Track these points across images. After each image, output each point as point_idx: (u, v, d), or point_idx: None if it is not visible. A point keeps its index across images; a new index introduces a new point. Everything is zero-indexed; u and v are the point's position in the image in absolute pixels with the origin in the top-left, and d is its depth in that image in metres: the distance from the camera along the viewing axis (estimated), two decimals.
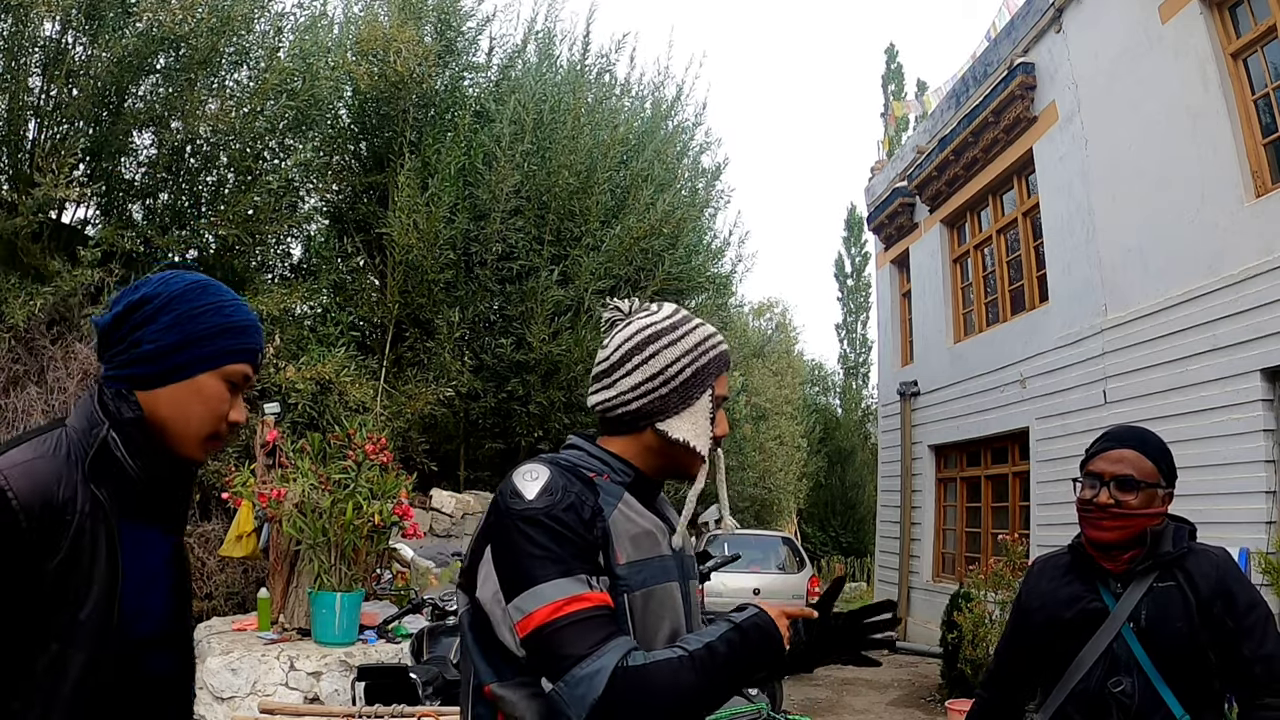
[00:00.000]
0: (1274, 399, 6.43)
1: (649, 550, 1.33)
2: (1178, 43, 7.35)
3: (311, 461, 4.87)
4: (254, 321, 1.32)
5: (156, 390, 1.23)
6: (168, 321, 1.23)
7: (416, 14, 7.99)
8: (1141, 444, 1.94)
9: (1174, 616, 1.81)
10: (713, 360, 1.40)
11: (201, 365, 1.24)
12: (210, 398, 1.25)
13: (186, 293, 1.25)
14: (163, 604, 1.25)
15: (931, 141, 12.12)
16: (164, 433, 1.24)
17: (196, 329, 1.24)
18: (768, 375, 19.79)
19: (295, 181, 7.69)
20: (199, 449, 1.27)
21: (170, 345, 1.22)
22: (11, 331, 5.82)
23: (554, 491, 1.25)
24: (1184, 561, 1.86)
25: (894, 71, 26.58)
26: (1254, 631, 1.78)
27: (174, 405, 1.23)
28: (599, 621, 1.19)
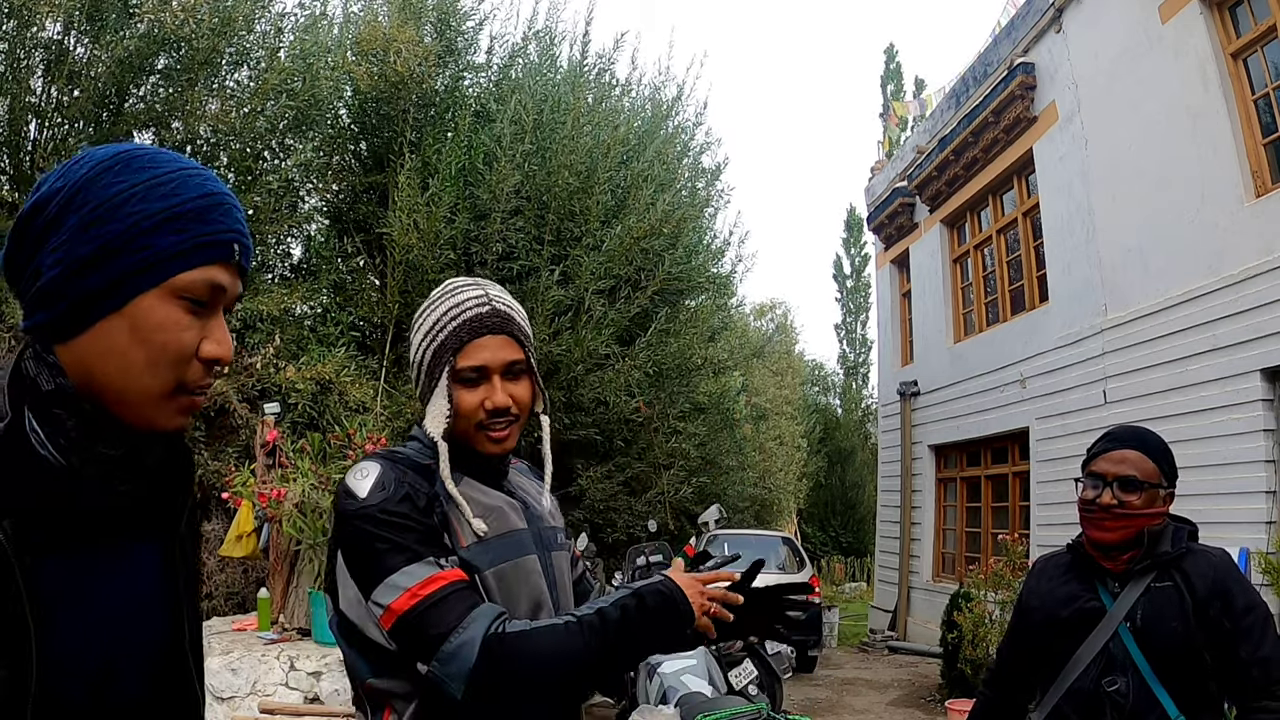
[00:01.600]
0: (1274, 399, 6.43)
1: (497, 528, 1.32)
2: (1178, 43, 7.35)
3: (311, 461, 4.87)
4: (218, 197, 0.85)
5: (79, 338, 0.80)
6: (74, 225, 0.79)
7: (416, 14, 7.99)
8: (1143, 444, 1.94)
9: (1170, 617, 1.80)
10: (450, 334, 1.33)
11: (134, 281, 0.80)
12: (156, 329, 0.80)
13: (98, 176, 0.81)
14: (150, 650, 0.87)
15: (931, 141, 12.12)
16: (105, 401, 0.81)
17: (118, 229, 0.79)
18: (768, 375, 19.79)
19: (295, 181, 7.70)
20: (162, 412, 0.83)
21: (82, 260, 0.78)
22: (11, 331, 5.82)
23: (385, 486, 1.25)
24: (1182, 562, 1.85)
25: (893, 71, 26.57)
26: (1251, 633, 1.76)
27: (105, 355, 0.80)
28: (457, 597, 1.19)
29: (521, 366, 1.37)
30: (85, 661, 0.81)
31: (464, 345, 1.33)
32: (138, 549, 0.87)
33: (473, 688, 1.15)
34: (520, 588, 1.32)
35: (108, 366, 0.80)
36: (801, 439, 21.10)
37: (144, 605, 0.87)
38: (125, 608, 0.85)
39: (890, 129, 16.65)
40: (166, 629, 0.90)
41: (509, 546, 1.33)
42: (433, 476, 1.31)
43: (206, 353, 0.83)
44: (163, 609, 0.89)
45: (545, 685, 1.21)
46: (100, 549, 0.83)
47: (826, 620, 12.13)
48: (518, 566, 1.33)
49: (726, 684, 5.46)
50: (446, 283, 1.42)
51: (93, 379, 0.81)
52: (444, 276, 7.58)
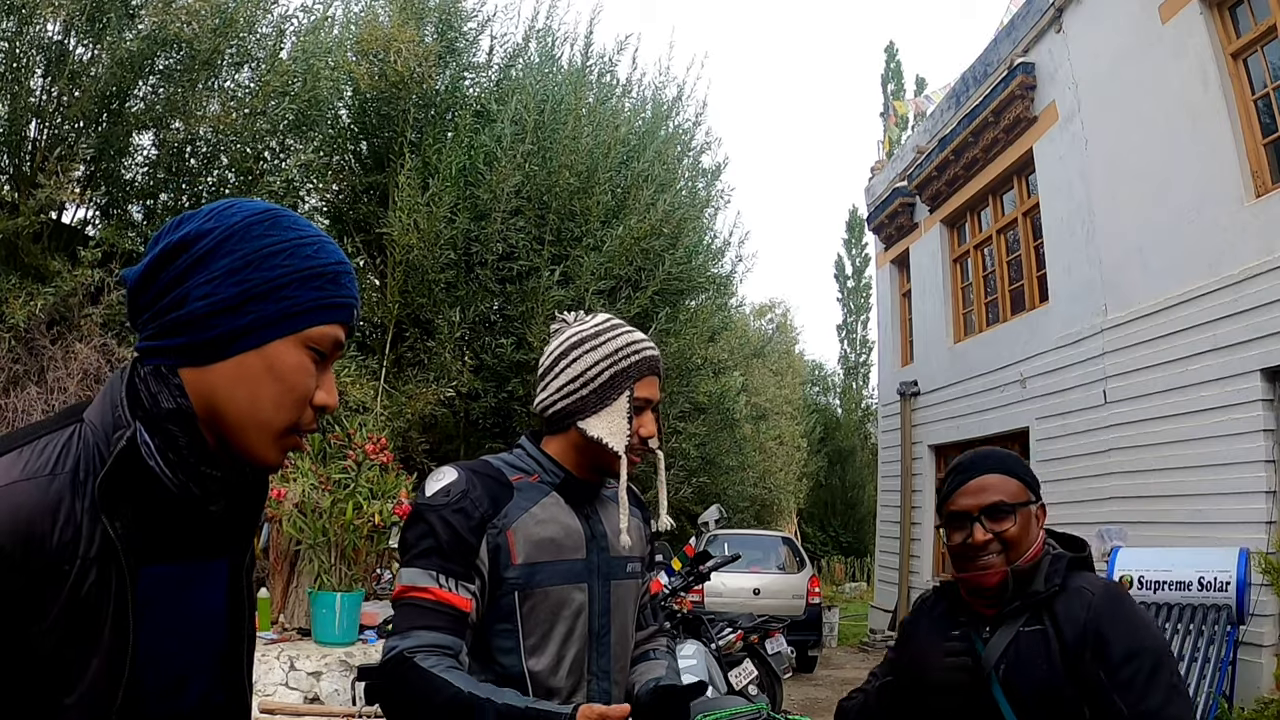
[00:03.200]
0: (1274, 399, 6.43)
1: (552, 554, 1.45)
2: (1178, 43, 7.36)
3: (311, 461, 4.88)
4: (346, 265, 0.95)
5: (211, 366, 0.88)
6: (225, 267, 0.87)
7: (417, 14, 7.99)
8: (999, 464, 1.69)
9: (1035, 665, 1.55)
10: (633, 365, 1.51)
11: (276, 328, 0.88)
12: (289, 373, 0.89)
13: (250, 227, 0.89)
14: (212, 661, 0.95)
15: (931, 141, 12.12)
16: (223, 427, 0.89)
17: (267, 277, 0.88)
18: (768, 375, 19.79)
19: (296, 182, 7.69)
20: (273, 448, 0.91)
21: (229, 300, 0.87)
22: (11, 331, 5.83)
23: (449, 493, 1.42)
24: (1054, 602, 1.58)
25: (893, 71, 26.57)
26: (1132, 685, 1.48)
27: (237, 387, 0.88)
28: (422, 611, 1.36)
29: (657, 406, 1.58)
30: (161, 668, 0.88)
31: (643, 377, 1.52)
32: (214, 566, 0.95)
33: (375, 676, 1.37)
34: (560, 612, 1.44)
35: (238, 396, 0.88)
36: (801, 439, 21.11)
37: (214, 619, 0.95)
38: (199, 620, 0.93)
39: (891, 129, 16.65)
40: (228, 642, 0.98)
41: (559, 574, 1.46)
42: (510, 492, 1.46)
43: (320, 400, 0.93)
44: (227, 623, 0.97)
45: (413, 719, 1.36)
46: (188, 563, 0.91)
47: (826, 620, 12.14)
48: (563, 593, 1.45)
49: (726, 684, 5.47)
50: (604, 316, 1.59)
51: (217, 406, 0.89)
52: (444, 276, 7.58)
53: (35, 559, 0.78)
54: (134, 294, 0.91)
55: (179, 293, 0.87)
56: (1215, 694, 5.43)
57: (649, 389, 1.54)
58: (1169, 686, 1.49)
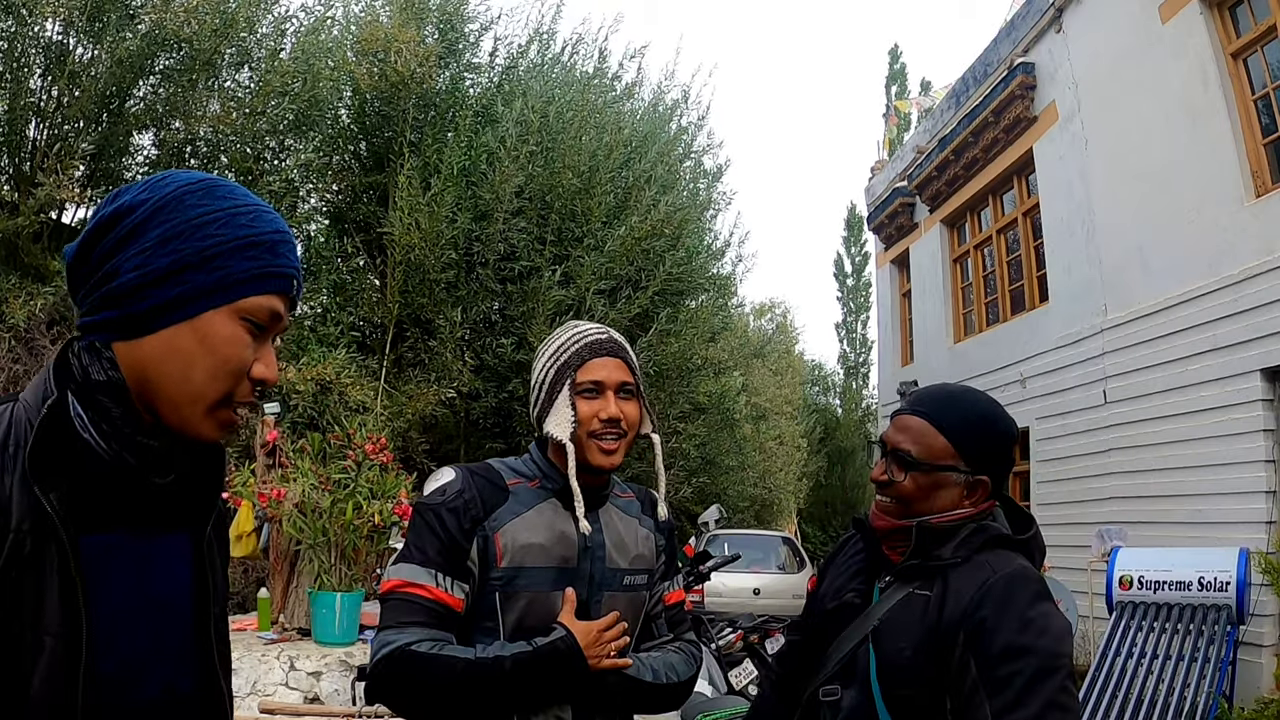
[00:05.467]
0: (1274, 399, 6.43)
1: (537, 559, 1.46)
2: (1178, 43, 7.35)
3: (311, 461, 4.88)
4: (286, 234, 0.93)
5: (141, 339, 0.86)
6: (156, 237, 0.85)
7: (418, 14, 7.99)
8: (938, 411, 1.51)
9: (907, 631, 1.41)
10: (572, 354, 1.52)
11: (207, 298, 0.86)
12: (222, 344, 0.86)
13: (183, 196, 0.87)
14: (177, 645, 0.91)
15: (932, 141, 12.12)
16: (155, 401, 0.87)
17: (199, 247, 0.86)
18: (768, 375, 19.77)
19: (296, 182, 7.70)
20: (206, 421, 0.88)
21: (160, 271, 0.85)
22: (11, 331, 5.83)
23: (445, 492, 1.45)
24: (951, 572, 1.41)
25: (897, 72, 26.55)
26: (1007, 687, 1.26)
27: (167, 358, 0.85)
28: (416, 608, 1.38)
29: (631, 388, 1.54)
30: (118, 652, 0.85)
31: (584, 362, 1.51)
32: (173, 540, 0.92)
33: (371, 679, 1.38)
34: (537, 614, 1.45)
35: (169, 369, 0.86)
36: (801, 439, 21.09)
37: (176, 599, 0.92)
38: (160, 600, 0.90)
39: (892, 129, 16.65)
40: (193, 624, 0.94)
41: (541, 579, 1.46)
42: (504, 495, 1.48)
43: (257, 373, 0.90)
44: (191, 603, 0.94)
45: (427, 706, 1.39)
46: (134, 537, 0.88)
47: None
48: (545, 598, 1.46)
49: (726, 684, 5.47)
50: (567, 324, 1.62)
51: (148, 378, 0.87)
52: (445, 276, 7.58)
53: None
54: (71, 268, 0.89)
55: (111, 265, 0.86)
56: (1215, 694, 5.43)
57: (598, 371, 1.50)
58: (1047, 702, 1.24)
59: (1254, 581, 5.87)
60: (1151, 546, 6.41)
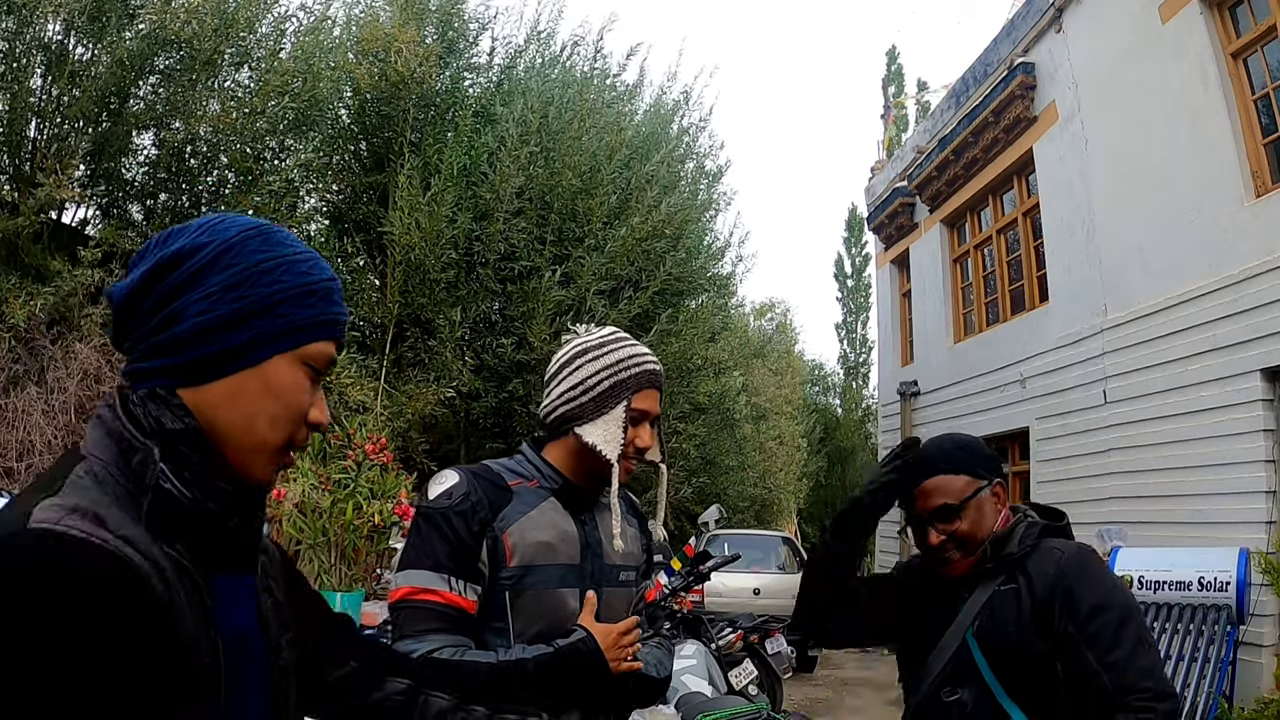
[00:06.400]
0: (1274, 399, 6.43)
1: (546, 557, 1.48)
2: (1178, 43, 7.36)
3: (311, 461, 4.88)
4: (337, 282, 0.95)
5: (208, 385, 0.86)
6: (220, 284, 0.86)
7: (418, 14, 7.99)
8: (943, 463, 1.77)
9: (1007, 621, 1.64)
10: (632, 376, 1.55)
11: (273, 344, 0.88)
12: (286, 390, 0.88)
13: (245, 241, 0.88)
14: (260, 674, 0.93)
15: (931, 141, 12.12)
16: (220, 446, 0.87)
17: (264, 293, 0.87)
18: (768, 375, 19.77)
19: (295, 182, 7.69)
20: (269, 466, 0.90)
21: (227, 317, 0.85)
22: (11, 331, 5.82)
23: (452, 495, 1.46)
24: (1026, 561, 1.69)
25: (895, 73, 26.57)
26: (1100, 637, 1.54)
27: (234, 404, 0.86)
28: (434, 614, 1.39)
29: (657, 420, 1.62)
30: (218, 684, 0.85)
31: (642, 389, 1.56)
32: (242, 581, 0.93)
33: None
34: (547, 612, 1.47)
35: (236, 414, 0.87)
36: (801, 439, 21.09)
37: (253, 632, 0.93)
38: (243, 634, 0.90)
39: (891, 128, 16.65)
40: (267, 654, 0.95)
41: (550, 577, 1.49)
42: (508, 496, 1.50)
43: (313, 418, 0.92)
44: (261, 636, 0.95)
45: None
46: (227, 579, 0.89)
47: None
48: (554, 596, 1.48)
49: (726, 684, 5.47)
50: (611, 329, 1.63)
51: (214, 424, 0.86)
52: (445, 276, 7.58)
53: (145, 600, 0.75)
54: (122, 312, 0.87)
55: (173, 309, 0.85)
56: (1215, 694, 5.43)
57: (647, 401, 1.57)
58: (1136, 639, 1.54)
59: (1254, 581, 5.88)
60: (1151, 546, 6.41)
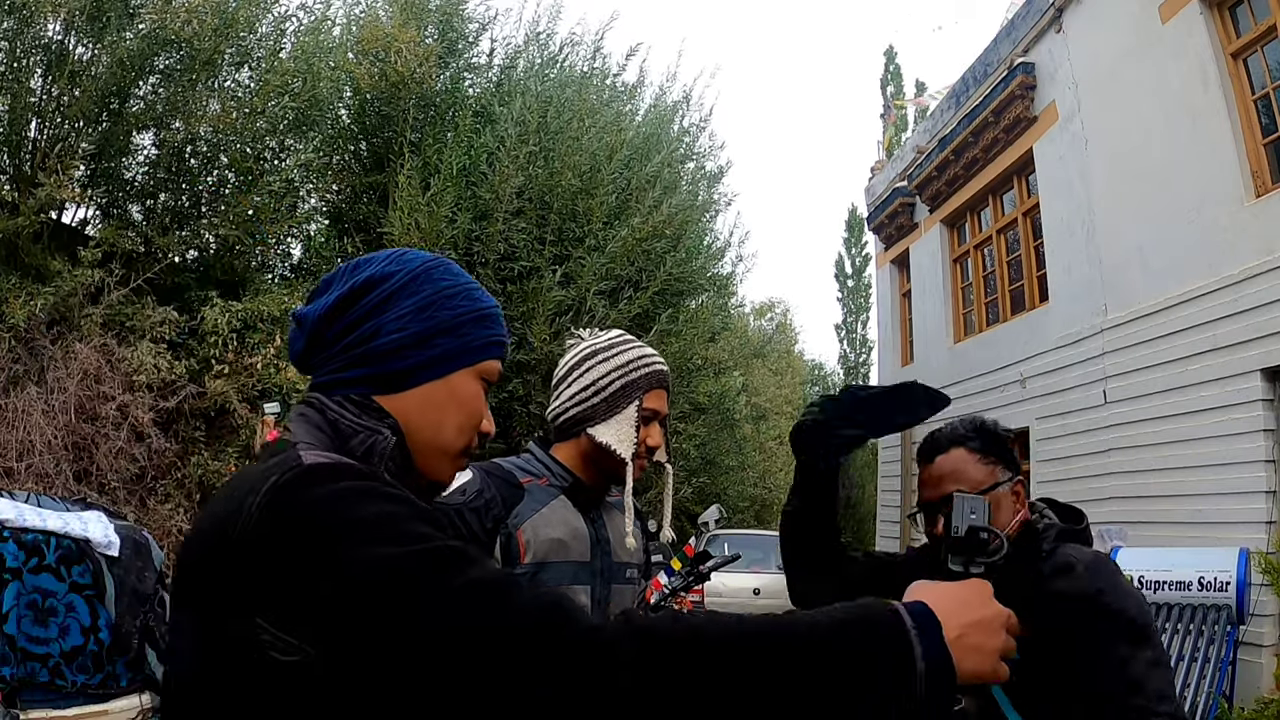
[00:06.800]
0: (1274, 399, 6.43)
1: (559, 554, 1.50)
2: (1178, 43, 7.36)
3: None
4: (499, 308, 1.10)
5: (403, 394, 0.97)
6: (412, 306, 0.99)
7: (418, 14, 7.99)
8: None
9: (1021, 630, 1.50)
10: (642, 376, 1.59)
11: (458, 360, 1.00)
12: (468, 400, 1.00)
13: (429, 271, 1.02)
14: None
15: (931, 141, 12.12)
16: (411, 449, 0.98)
17: (449, 315, 1.00)
18: (768, 375, 19.78)
19: (295, 182, 7.69)
20: (451, 468, 1.02)
21: (419, 334, 0.98)
22: (11, 331, 5.82)
23: (465, 492, 1.46)
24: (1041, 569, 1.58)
25: (893, 73, 26.56)
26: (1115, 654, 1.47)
27: (425, 411, 0.98)
28: None
29: (664, 419, 1.66)
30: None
31: (652, 389, 1.60)
32: None
33: None
34: None
35: (426, 420, 0.98)
36: None
37: None
38: None
39: (891, 128, 16.65)
40: None
41: (563, 574, 1.50)
42: (520, 494, 1.51)
43: (485, 427, 1.04)
44: None
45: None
46: None
47: None
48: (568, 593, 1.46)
49: None
50: (617, 332, 1.66)
51: (407, 429, 0.97)
52: None
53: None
54: (318, 329, 1.00)
55: (370, 326, 0.97)
56: (1215, 694, 5.43)
57: (657, 401, 1.61)
58: (1153, 660, 1.46)
59: (1254, 581, 5.87)
60: (1151, 546, 6.41)
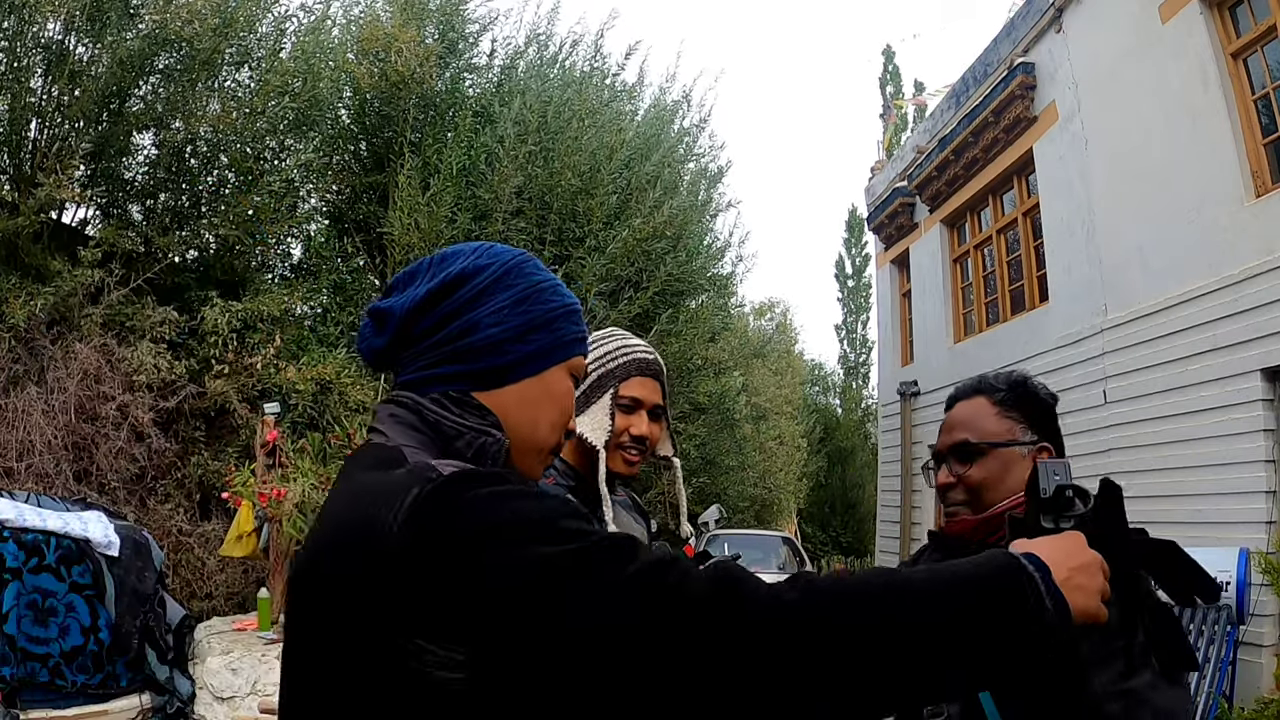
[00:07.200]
0: (1274, 399, 6.43)
1: None
2: (1178, 43, 7.35)
3: (311, 461, 4.88)
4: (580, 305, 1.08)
5: (500, 390, 0.94)
6: (508, 299, 0.95)
7: (418, 14, 7.99)
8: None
9: None
10: (619, 365, 1.58)
11: (552, 356, 0.97)
12: (562, 396, 0.98)
13: (520, 265, 0.98)
14: None
15: (931, 141, 12.12)
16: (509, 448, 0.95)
17: (542, 310, 0.97)
18: (768, 375, 19.75)
19: (295, 182, 7.69)
20: (542, 465, 0.99)
21: (516, 329, 0.95)
22: (11, 331, 5.82)
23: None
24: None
25: (892, 73, 26.56)
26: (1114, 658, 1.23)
27: (522, 408, 0.95)
28: None
29: (660, 411, 1.62)
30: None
31: (630, 377, 1.57)
32: None
33: None
34: None
35: (522, 418, 0.95)
36: (801, 439, 21.07)
37: None
38: None
39: (891, 128, 16.65)
40: None
41: None
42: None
43: (571, 424, 1.01)
44: None
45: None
46: None
47: None
48: None
49: None
50: (608, 329, 1.65)
51: (505, 426, 0.94)
52: None
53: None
54: (405, 324, 0.94)
55: (464, 321, 0.93)
56: (1215, 694, 5.43)
57: (639, 389, 1.58)
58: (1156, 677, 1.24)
59: (1254, 581, 5.88)
60: None
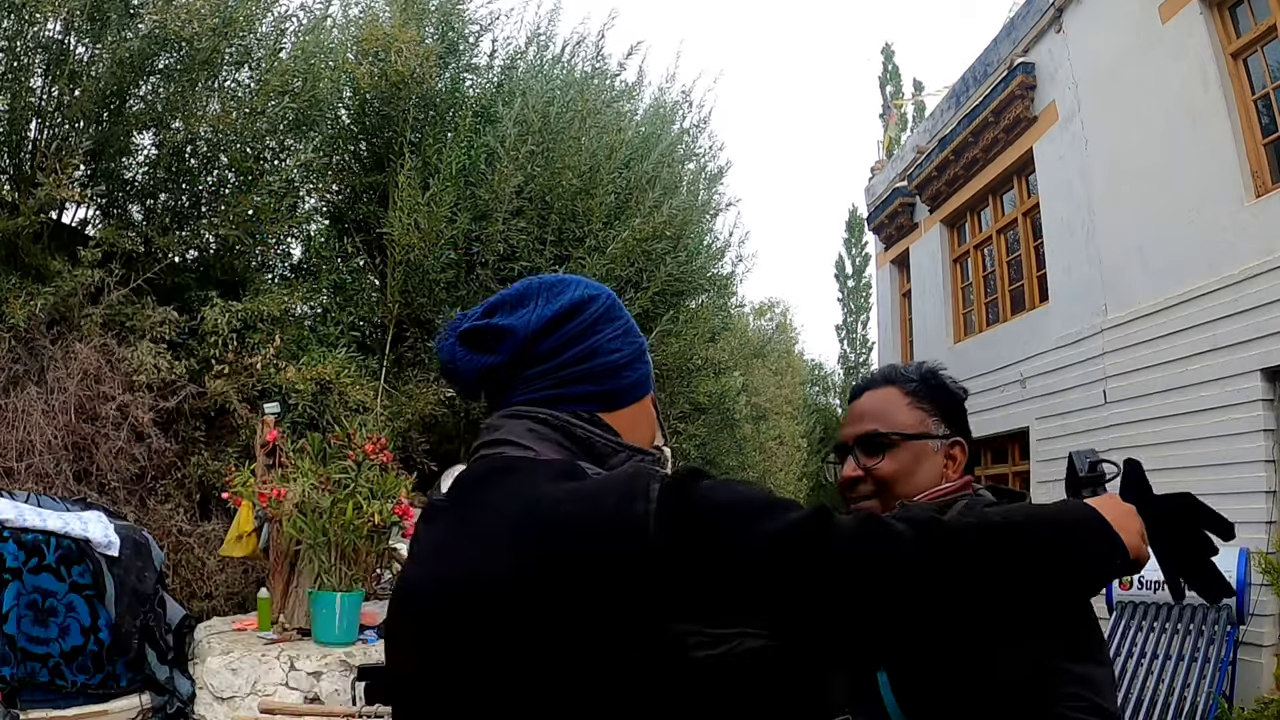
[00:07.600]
0: (1274, 399, 6.43)
1: None
2: (1178, 43, 7.36)
3: (311, 461, 4.87)
4: None
5: (618, 412, 0.97)
6: (619, 330, 0.99)
7: (418, 14, 7.99)
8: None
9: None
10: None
11: (648, 384, 1.02)
12: (653, 423, 1.03)
13: (618, 301, 1.03)
14: None
15: (931, 141, 12.12)
16: None
17: (639, 342, 1.02)
18: (768, 375, 19.74)
19: (295, 182, 7.69)
20: None
21: (632, 355, 0.99)
22: (11, 331, 5.82)
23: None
24: None
25: (891, 73, 26.54)
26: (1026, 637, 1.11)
27: (633, 431, 0.98)
28: None
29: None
30: None
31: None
32: None
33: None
34: None
35: (635, 438, 0.98)
36: (801, 439, 21.06)
37: None
38: None
39: (891, 128, 16.65)
40: None
41: None
42: None
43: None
44: None
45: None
46: None
47: None
48: None
49: None
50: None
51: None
52: (445, 276, 7.58)
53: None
54: (529, 343, 0.96)
55: (586, 346, 0.96)
56: (1215, 694, 5.43)
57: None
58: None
59: (1254, 581, 5.88)
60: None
